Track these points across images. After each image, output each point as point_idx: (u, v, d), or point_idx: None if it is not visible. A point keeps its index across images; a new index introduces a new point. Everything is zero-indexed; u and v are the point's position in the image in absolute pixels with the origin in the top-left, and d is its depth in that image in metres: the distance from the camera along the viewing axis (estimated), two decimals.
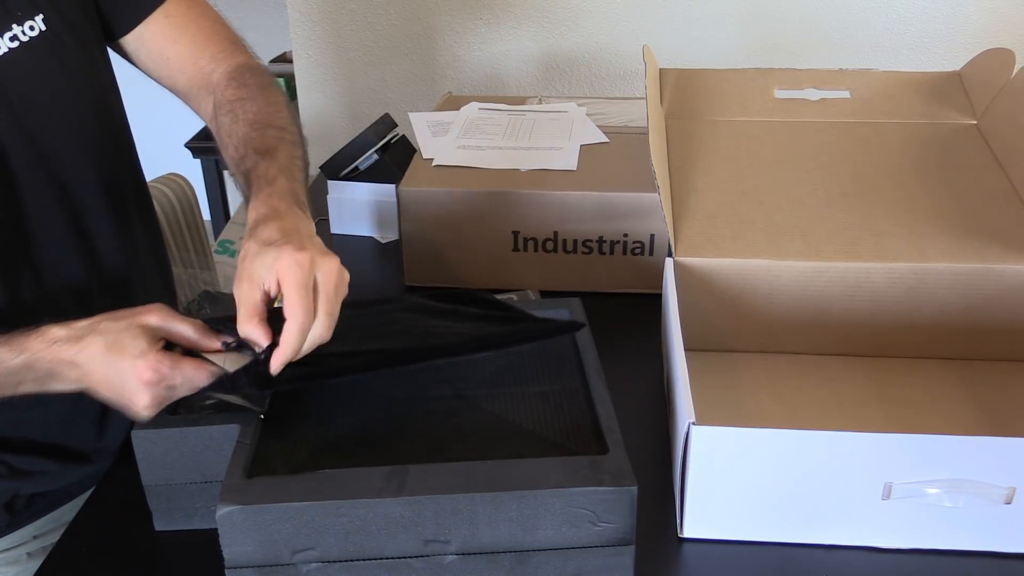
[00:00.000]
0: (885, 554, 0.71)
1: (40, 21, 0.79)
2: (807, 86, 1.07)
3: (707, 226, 0.91)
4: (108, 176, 0.87)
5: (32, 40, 0.78)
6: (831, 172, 0.98)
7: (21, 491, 0.89)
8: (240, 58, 0.90)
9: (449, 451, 0.68)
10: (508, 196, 1.06)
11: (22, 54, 0.78)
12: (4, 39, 0.77)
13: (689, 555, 0.72)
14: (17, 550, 0.90)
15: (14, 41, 0.77)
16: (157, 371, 0.65)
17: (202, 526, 0.72)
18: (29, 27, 0.78)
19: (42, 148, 0.80)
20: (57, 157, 0.82)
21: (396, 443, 0.69)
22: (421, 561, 0.63)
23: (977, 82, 1.05)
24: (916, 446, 0.66)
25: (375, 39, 1.72)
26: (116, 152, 0.89)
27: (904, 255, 0.87)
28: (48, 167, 0.81)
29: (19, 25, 0.78)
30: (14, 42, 0.77)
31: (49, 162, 0.81)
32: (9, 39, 0.77)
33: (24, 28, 0.78)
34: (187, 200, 1.54)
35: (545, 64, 1.72)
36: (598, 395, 0.72)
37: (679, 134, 1.03)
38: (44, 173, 0.81)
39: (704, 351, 0.92)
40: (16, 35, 0.78)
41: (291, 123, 0.85)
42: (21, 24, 0.78)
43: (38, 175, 0.80)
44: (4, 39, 0.77)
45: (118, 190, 0.89)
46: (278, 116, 0.84)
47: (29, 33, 0.78)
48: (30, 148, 0.79)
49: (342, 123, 1.79)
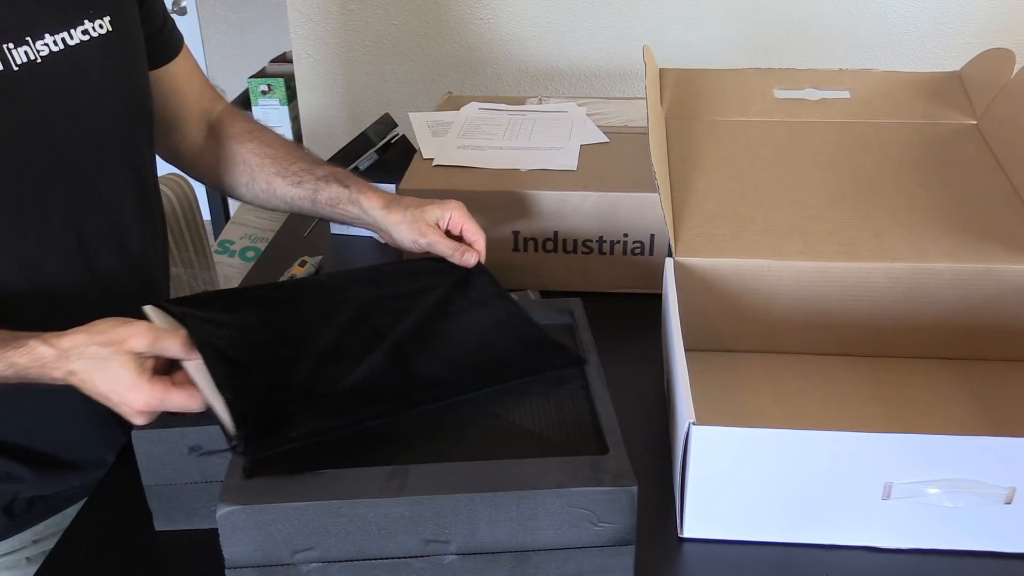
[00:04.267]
0: (885, 554, 0.71)
1: (108, 22, 0.84)
2: (807, 86, 1.07)
3: (707, 226, 0.91)
4: (140, 174, 0.92)
5: (100, 37, 0.84)
6: (831, 172, 0.98)
7: (20, 494, 0.89)
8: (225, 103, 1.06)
9: (449, 451, 0.68)
10: (508, 196, 1.06)
11: (90, 48, 0.83)
12: (77, 31, 0.82)
13: (689, 555, 0.72)
14: (16, 554, 0.90)
15: (85, 35, 0.83)
16: (147, 404, 0.66)
17: (202, 526, 0.72)
18: (99, 25, 0.84)
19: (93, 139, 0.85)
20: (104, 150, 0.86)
21: (396, 443, 0.69)
22: (421, 561, 0.63)
23: (977, 82, 1.05)
24: (916, 446, 0.66)
25: (375, 39, 1.72)
26: (147, 153, 0.95)
27: (904, 255, 0.87)
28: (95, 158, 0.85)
29: (91, 21, 0.83)
30: (85, 36, 0.83)
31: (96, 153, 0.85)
32: (81, 32, 0.82)
33: (95, 24, 0.83)
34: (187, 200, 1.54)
35: (545, 64, 1.72)
36: (598, 395, 0.72)
37: (679, 134, 1.03)
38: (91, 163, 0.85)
39: (704, 351, 0.92)
40: (88, 29, 0.83)
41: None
42: (92, 21, 0.83)
43: (86, 165, 0.84)
44: (77, 31, 0.82)
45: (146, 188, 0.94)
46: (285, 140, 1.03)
47: (99, 30, 0.84)
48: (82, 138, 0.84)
49: (342, 123, 1.79)
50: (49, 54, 0.79)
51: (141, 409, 0.66)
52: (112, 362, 0.66)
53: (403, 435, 0.70)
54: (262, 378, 0.69)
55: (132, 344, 0.66)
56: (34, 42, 0.78)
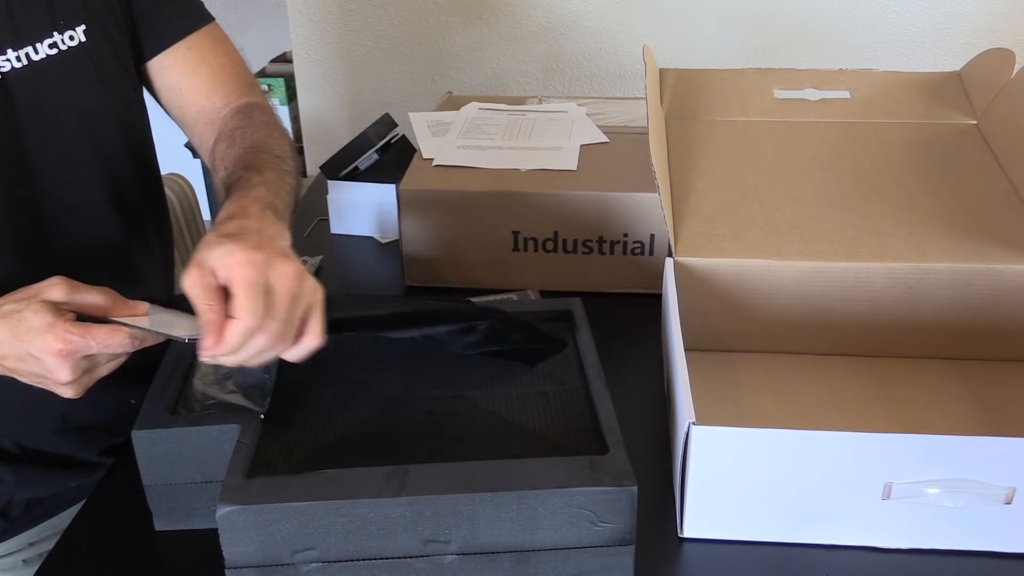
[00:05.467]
0: (885, 554, 0.71)
1: (81, 32, 0.80)
2: (807, 86, 1.07)
3: (707, 226, 0.91)
4: (126, 187, 0.87)
5: (71, 50, 0.79)
6: (831, 172, 0.98)
7: (17, 497, 0.88)
8: (253, 98, 0.91)
9: (449, 451, 0.68)
10: (508, 196, 1.06)
11: (58, 63, 0.78)
12: (43, 45, 0.77)
13: (689, 555, 0.72)
14: (13, 557, 0.90)
15: (53, 48, 0.78)
16: (67, 340, 0.61)
17: (202, 526, 0.72)
18: (69, 36, 0.79)
19: (66, 156, 0.81)
20: (82, 168, 0.82)
21: (396, 443, 0.69)
22: (421, 561, 0.63)
23: (977, 82, 1.05)
24: (916, 446, 0.66)
25: (375, 39, 1.73)
26: (137, 164, 0.90)
27: (904, 255, 0.87)
28: (70, 175, 0.82)
29: (60, 33, 0.78)
30: (52, 49, 0.78)
31: (72, 170, 0.82)
32: (48, 46, 0.78)
33: (64, 37, 0.78)
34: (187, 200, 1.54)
35: (545, 64, 1.72)
36: (598, 395, 0.72)
37: (679, 134, 1.03)
38: (66, 180, 0.81)
39: (704, 351, 0.92)
40: (56, 43, 0.78)
41: (289, 156, 0.83)
42: (62, 32, 0.78)
43: (60, 182, 0.81)
44: (43, 45, 0.77)
45: (135, 203, 0.90)
46: (277, 146, 0.83)
47: (68, 43, 0.79)
48: (54, 157, 0.80)
49: (342, 123, 1.79)
50: (12, 70, 0.75)
51: (60, 350, 0.61)
52: (27, 311, 0.62)
53: (403, 435, 0.70)
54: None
55: (48, 293, 0.63)
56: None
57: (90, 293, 0.64)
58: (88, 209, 0.84)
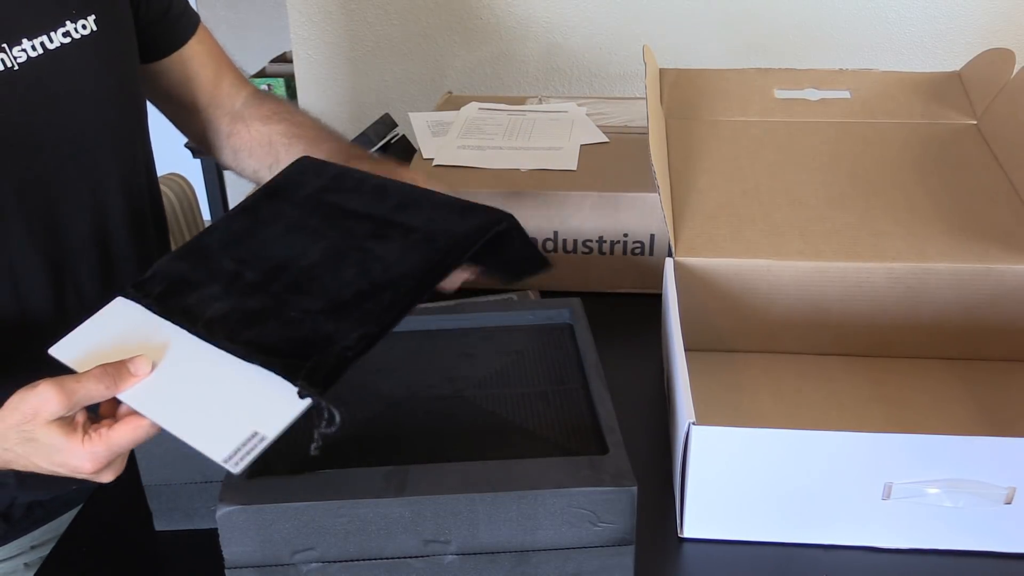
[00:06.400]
0: (885, 554, 0.71)
1: (92, 21, 0.81)
2: (807, 86, 1.07)
3: (707, 226, 0.91)
4: (131, 179, 0.89)
5: (83, 38, 0.81)
6: (831, 172, 0.98)
7: (18, 500, 0.88)
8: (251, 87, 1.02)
9: (449, 451, 0.68)
10: (508, 196, 1.06)
11: (72, 51, 0.80)
12: (57, 34, 0.79)
13: (689, 555, 0.72)
14: (14, 560, 0.90)
15: (66, 37, 0.79)
16: (95, 457, 0.61)
17: (202, 526, 0.72)
18: (82, 25, 0.81)
19: (77, 145, 0.82)
20: (89, 155, 0.84)
21: (396, 443, 0.69)
22: (421, 561, 0.63)
23: (977, 82, 1.05)
24: (916, 446, 0.66)
25: (375, 39, 1.72)
26: (140, 156, 0.92)
27: (904, 255, 0.87)
28: (80, 164, 0.83)
29: (72, 22, 0.80)
30: (66, 38, 0.79)
31: (81, 159, 0.83)
32: (62, 35, 0.79)
33: (77, 26, 0.80)
34: (187, 200, 1.54)
35: (545, 64, 1.72)
36: (598, 395, 0.72)
37: (679, 134, 1.03)
38: (76, 170, 0.83)
39: (704, 351, 0.92)
40: (69, 31, 0.80)
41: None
42: (75, 21, 0.80)
43: (70, 171, 0.82)
44: (57, 34, 0.79)
45: (138, 194, 0.91)
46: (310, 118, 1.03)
47: (81, 31, 0.80)
48: (65, 144, 0.81)
49: (342, 123, 1.78)
50: (27, 60, 0.76)
51: (92, 470, 0.61)
52: (39, 438, 0.60)
53: (403, 435, 0.70)
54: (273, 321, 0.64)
55: (45, 414, 0.60)
56: (10, 48, 0.76)
57: (83, 387, 0.60)
58: (100, 194, 0.86)
